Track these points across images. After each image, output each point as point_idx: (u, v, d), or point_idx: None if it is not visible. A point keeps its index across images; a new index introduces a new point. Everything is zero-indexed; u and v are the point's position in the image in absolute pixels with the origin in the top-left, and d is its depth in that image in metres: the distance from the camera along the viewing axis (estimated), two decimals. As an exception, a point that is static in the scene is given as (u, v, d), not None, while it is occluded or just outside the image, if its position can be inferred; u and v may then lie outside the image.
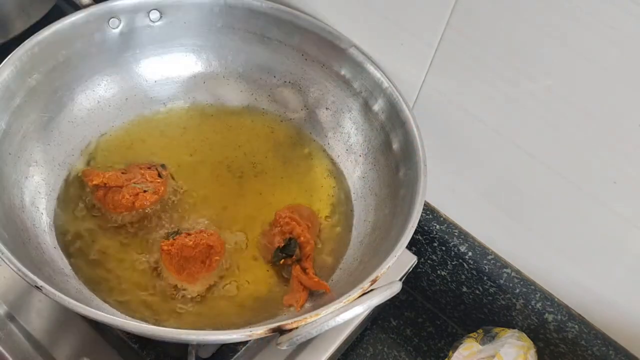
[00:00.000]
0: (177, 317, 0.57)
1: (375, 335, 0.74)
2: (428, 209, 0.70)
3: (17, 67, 0.59)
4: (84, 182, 0.64)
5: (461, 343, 0.65)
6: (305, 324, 0.47)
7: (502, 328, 0.66)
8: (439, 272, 0.73)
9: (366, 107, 0.67)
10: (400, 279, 0.69)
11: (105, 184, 0.62)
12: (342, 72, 0.68)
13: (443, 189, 0.68)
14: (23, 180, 0.60)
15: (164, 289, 0.58)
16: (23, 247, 0.54)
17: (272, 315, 0.58)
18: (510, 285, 0.66)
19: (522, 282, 0.66)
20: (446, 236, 0.69)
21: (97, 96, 0.68)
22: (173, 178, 0.66)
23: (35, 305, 0.61)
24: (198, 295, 0.58)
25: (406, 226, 0.54)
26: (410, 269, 0.70)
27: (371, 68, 0.65)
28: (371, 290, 0.50)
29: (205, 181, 0.67)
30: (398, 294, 0.51)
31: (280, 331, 0.47)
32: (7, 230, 0.53)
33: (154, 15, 0.68)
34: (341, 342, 0.64)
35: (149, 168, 0.65)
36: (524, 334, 0.64)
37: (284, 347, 0.47)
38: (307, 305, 0.58)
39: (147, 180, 0.63)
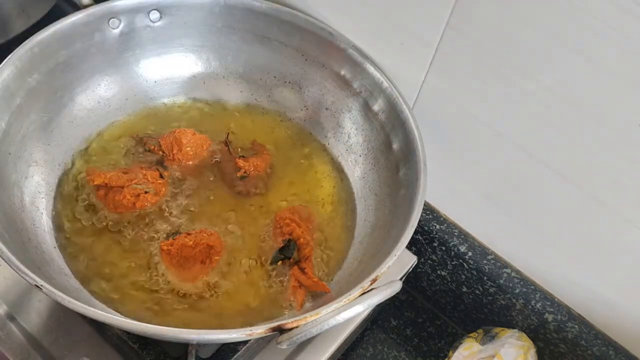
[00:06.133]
0: (177, 316, 0.57)
1: (375, 335, 0.74)
2: (428, 209, 0.70)
3: (17, 67, 0.59)
4: (84, 182, 0.64)
5: (461, 343, 0.65)
6: (306, 323, 0.47)
7: (502, 328, 0.66)
8: (439, 272, 0.73)
9: (366, 107, 0.67)
10: (401, 279, 0.69)
11: (106, 183, 0.62)
12: (342, 72, 0.68)
13: (443, 189, 0.68)
14: (23, 180, 0.60)
15: (163, 289, 0.58)
16: (23, 247, 0.54)
17: (272, 315, 0.58)
18: (510, 285, 0.66)
19: (522, 282, 0.66)
20: (446, 236, 0.69)
21: (97, 96, 0.68)
22: (177, 176, 0.66)
23: (35, 305, 0.61)
24: (198, 295, 0.58)
25: (406, 226, 0.54)
26: (410, 269, 0.70)
27: (371, 68, 0.65)
28: (371, 289, 0.50)
29: (205, 181, 0.67)
30: (398, 293, 0.51)
31: (280, 330, 0.47)
32: (7, 230, 0.53)
33: (154, 15, 0.68)
34: (341, 342, 0.65)
35: (150, 168, 0.65)
36: (524, 334, 0.64)
37: (284, 346, 0.47)
38: (307, 304, 0.58)
39: (148, 180, 0.63)
